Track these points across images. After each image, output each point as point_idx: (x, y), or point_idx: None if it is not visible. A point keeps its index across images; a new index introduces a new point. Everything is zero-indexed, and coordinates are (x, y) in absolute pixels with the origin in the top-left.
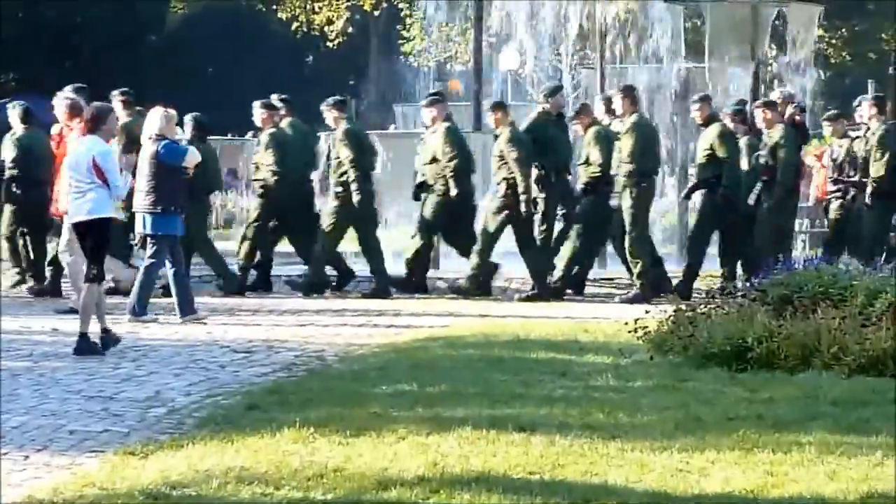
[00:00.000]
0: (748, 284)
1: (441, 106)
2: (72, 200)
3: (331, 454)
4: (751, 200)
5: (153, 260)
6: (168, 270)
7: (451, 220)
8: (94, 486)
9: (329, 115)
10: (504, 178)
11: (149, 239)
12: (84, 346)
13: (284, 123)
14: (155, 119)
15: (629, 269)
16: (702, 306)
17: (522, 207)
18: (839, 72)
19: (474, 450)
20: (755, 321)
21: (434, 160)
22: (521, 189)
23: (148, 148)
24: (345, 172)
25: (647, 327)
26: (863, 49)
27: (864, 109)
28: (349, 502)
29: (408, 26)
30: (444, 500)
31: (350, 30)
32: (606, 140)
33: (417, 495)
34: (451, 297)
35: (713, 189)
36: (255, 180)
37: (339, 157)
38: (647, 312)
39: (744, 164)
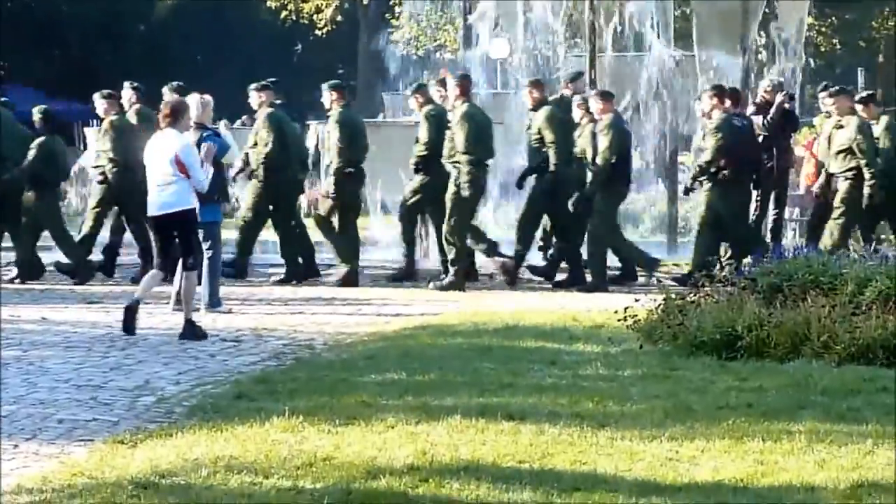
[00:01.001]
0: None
1: (269, 92)
2: (154, 194)
3: (320, 443)
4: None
5: (211, 251)
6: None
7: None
8: (83, 475)
9: (99, 106)
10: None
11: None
12: (189, 331)
13: (132, 112)
14: (191, 106)
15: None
16: (691, 295)
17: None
18: (829, 60)
19: (463, 438)
20: (745, 310)
21: (255, 144)
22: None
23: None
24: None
25: (636, 316)
26: (853, 37)
27: (704, 102)
28: (338, 491)
29: (397, 14)
30: (433, 488)
31: (339, 18)
32: (437, 121)
33: (406, 484)
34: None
35: (542, 174)
36: (95, 167)
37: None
38: (636, 301)
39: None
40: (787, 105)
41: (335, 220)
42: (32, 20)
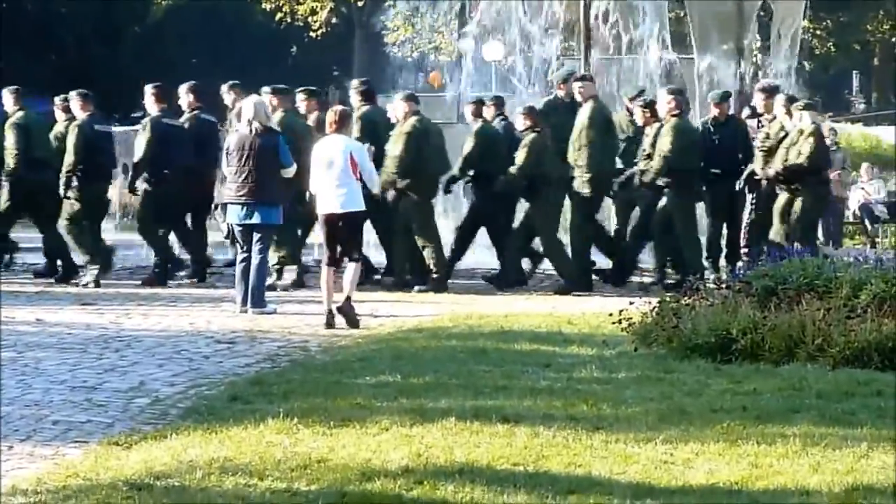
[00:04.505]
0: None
1: (16, 95)
2: (326, 195)
3: (314, 445)
4: None
5: (262, 255)
6: (239, 258)
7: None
8: (78, 477)
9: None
10: None
11: (254, 230)
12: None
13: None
14: (250, 105)
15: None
16: (686, 298)
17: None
18: (824, 63)
19: (458, 441)
20: (739, 313)
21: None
22: None
23: (247, 136)
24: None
25: (631, 319)
26: (848, 40)
27: (518, 121)
28: (333, 493)
29: (392, 17)
30: (427, 491)
31: (334, 20)
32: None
33: (401, 486)
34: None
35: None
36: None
37: None
38: (631, 304)
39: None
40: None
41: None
42: (28, 22)
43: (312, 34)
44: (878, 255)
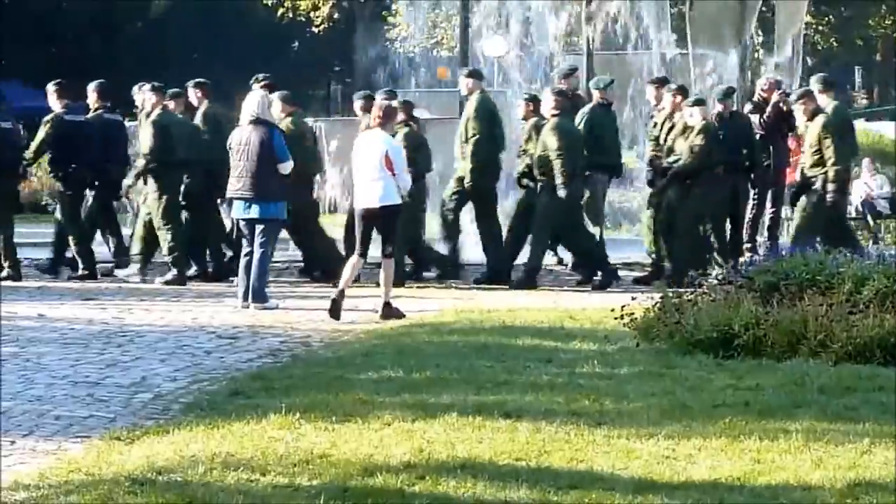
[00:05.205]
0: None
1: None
2: (363, 189)
3: (316, 440)
4: None
5: (263, 249)
6: (243, 252)
7: None
8: (80, 472)
9: None
10: None
11: (258, 225)
12: (388, 312)
13: None
14: (254, 101)
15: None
16: (688, 293)
17: None
18: (825, 58)
19: (460, 436)
20: (742, 308)
21: None
22: None
23: (249, 131)
24: None
25: (633, 314)
26: (850, 35)
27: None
28: (335, 488)
29: (394, 12)
30: (429, 486)
31: (336, 15)
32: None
33: (403, 481)
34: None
35: None
36: None
37: None
38: (633, 299)
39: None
40: (782, 104)
41: None
42: (28, 16)
43: (314, 29)
44: (880, 250)
